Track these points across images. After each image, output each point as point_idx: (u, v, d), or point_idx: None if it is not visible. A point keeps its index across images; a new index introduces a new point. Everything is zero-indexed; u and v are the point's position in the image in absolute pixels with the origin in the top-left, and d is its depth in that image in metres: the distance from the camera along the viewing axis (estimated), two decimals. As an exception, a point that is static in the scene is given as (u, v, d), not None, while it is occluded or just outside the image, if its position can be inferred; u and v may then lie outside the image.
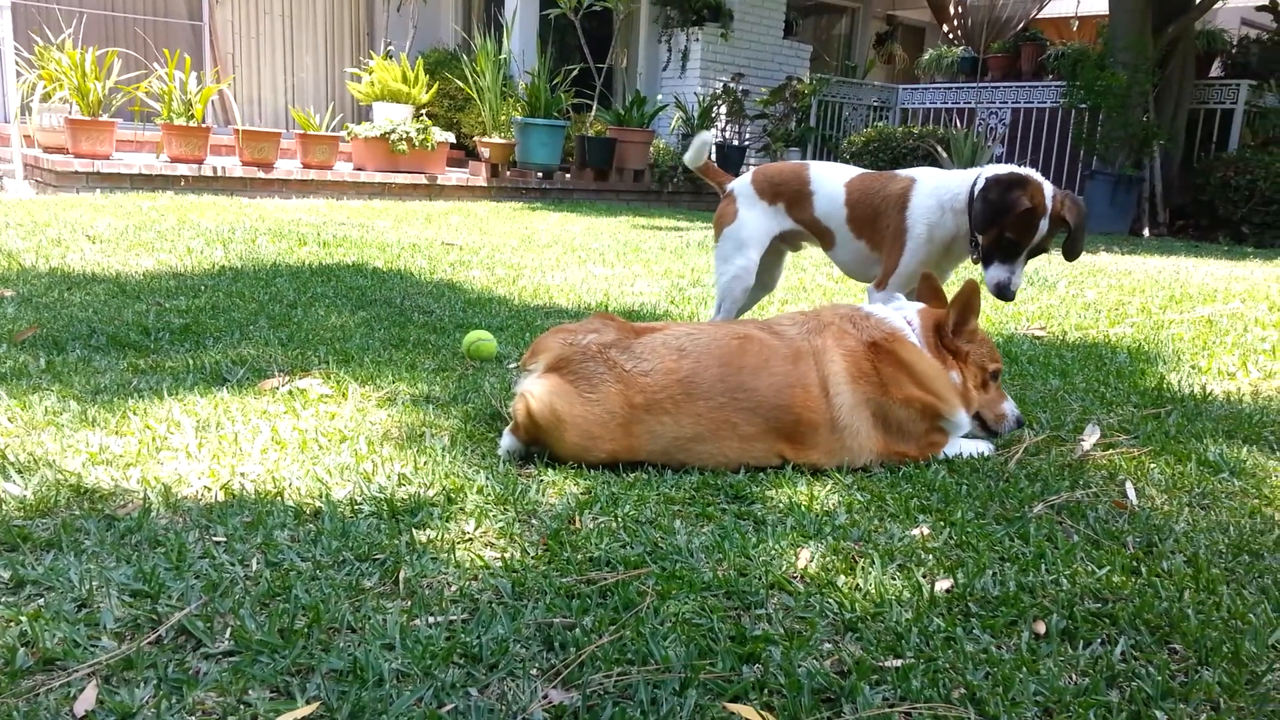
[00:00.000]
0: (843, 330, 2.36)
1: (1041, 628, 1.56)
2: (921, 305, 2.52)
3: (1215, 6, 10.56)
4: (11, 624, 1.44)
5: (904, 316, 2.45)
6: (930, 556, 1.81)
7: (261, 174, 8.77)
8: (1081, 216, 2.84)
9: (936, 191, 2.98)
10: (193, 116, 8.57)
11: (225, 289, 4.19)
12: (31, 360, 2.88)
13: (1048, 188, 2.77)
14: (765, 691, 1.37)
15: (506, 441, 2.31)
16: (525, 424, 2.25)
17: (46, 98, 8.58)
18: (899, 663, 1.43)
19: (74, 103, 8.31)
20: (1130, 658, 1.49)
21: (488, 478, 2.12)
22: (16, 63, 8.80)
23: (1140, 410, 2.91)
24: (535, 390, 2.24)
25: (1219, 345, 3.90)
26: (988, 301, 4.86)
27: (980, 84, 12.63)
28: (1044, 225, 2.75)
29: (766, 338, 2.34)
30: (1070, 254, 2.93)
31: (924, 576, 1.72)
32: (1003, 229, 2.76)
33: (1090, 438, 2.57)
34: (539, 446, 2.27)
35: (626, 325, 2.37)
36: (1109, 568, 1.78)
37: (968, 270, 4.38)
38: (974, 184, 2.86)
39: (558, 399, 2.22)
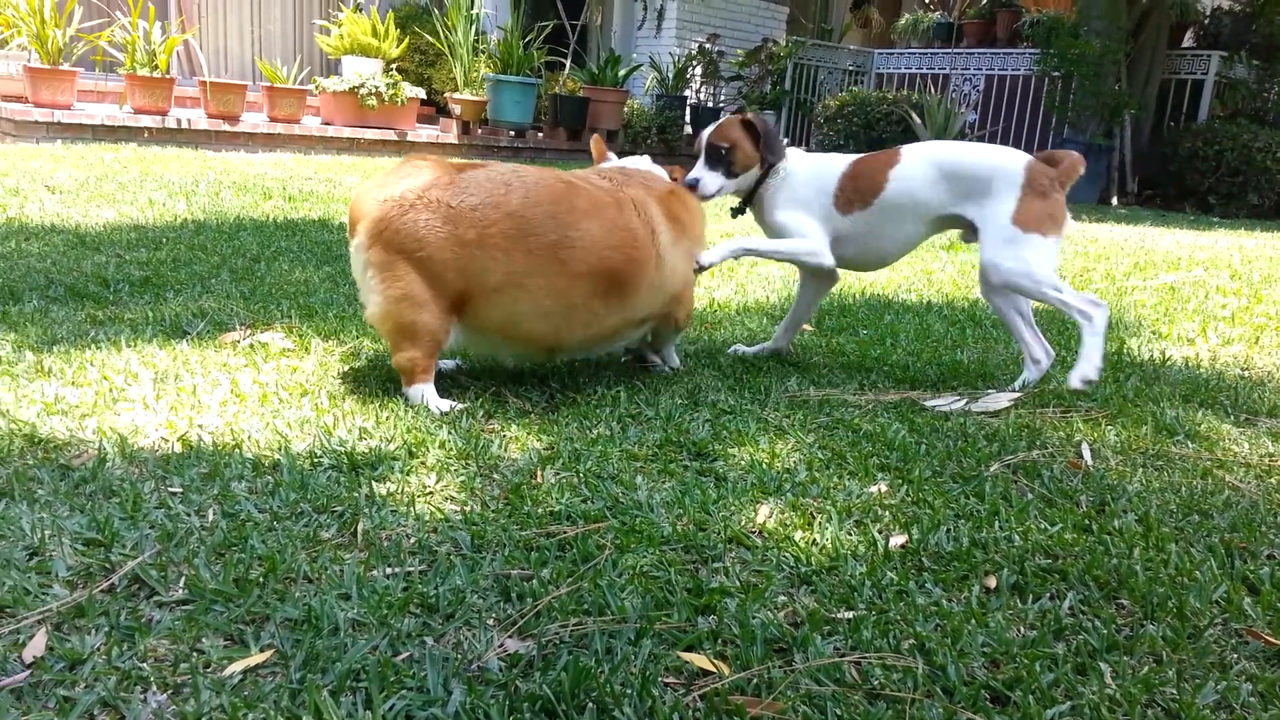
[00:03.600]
0: (645, 183, 2.61)
1: (992, 582, 1.59)
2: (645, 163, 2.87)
3: (1189, -24, 10.59)
4: (-40, 571, 1.43)
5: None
6: (887, 513, 1.83)
7: (227, 127, 8.60)
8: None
9: None
10: (157, 67, 8.37)
11: (187, 242, 4.12)
12: (-14, 310, 2.82)
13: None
14: (719, 641, 1.38)
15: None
16: (393, 340, 2.32)
17: (3, 44, 8.35)
18: (851, 614, 1.45)
19: (33, 50, 8.08)
20: (1078, 612, 1.52)
21: (450, 432, 2.12)
22: (-28, 7, 8.55)
23: (1100, 374, 2.94)
24: (371, 305, 2.30)
25: (1180, 312, 3.95)
26: (955, 266, 4.89)
27: (955, 50, 12.59)
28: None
29: (591, 186, 2.46)
30: None
31: (879, 532, 1.75)
32: None
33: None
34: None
35: (443, 163, 2.40)
36: (1061, 525, 1.81)
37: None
38: None
39: (390, 302, 2.26)
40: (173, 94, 8.53)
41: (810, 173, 2.80)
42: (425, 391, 2.31)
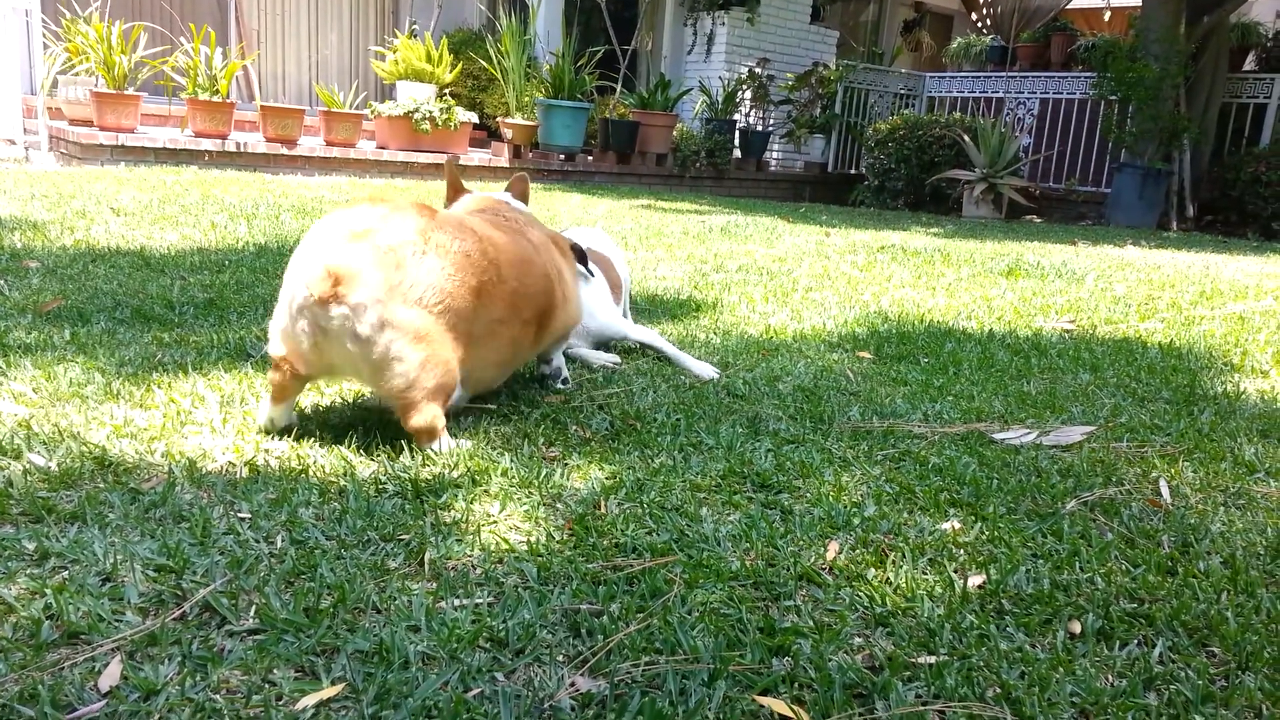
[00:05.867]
0: (534, 223, 2.61)
1: (1077, 627, 1.53)
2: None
3: (1251, -1, 10.40)
4: (37, 596, 1.43)
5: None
6: (962, 551, 1.78)
7: (285, 150, 8.76)
8: None
9: None
10: (217, 92, 8.57)
11: (249, 265, 4.18)
12: (56, 332, 2.87)
13: None
14: (795, 685, 1.34)
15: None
16: (413, 406, 2.06)
17: (71, 69, 8.60)
18: (932, 659, 1.41)
19: (100, 76, 8.31)
20: (1168, 660, 1.46)
21: (512, 460, 2.10)
22: (44, 35, 8.82)
23: (1173, 407, 2.86)
24: (391, 377, 2.02)
25: (1251, 343, 3.84)
26: (1015, 293, 4.81)
27: (1009, 73, 12.48)
28: None
29: (516, 232, 2.41)
30: None
31: (955, 572, 1.70)
32: None
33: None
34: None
35: (411, 202, 2.23)
36: (1144, 567, 1.75)
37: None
38: None
39: (416, 368, 2.02)
40: (232, 118, 8.71)
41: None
42: (444, 441, 2.14)
